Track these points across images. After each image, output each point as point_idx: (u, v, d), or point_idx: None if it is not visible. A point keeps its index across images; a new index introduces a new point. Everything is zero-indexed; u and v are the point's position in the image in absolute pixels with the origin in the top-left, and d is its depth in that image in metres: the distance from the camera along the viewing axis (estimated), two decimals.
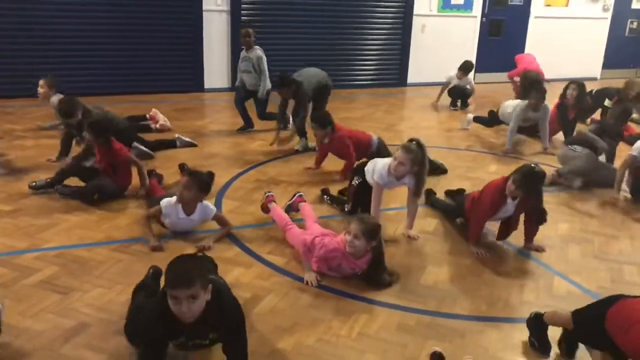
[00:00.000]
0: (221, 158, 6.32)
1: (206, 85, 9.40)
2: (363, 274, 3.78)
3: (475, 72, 11.25)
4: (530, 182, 4.04)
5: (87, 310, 3.36)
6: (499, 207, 4.17)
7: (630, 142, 6.78)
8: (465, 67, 8.82)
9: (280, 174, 5.84)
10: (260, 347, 3.01)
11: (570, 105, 7.07)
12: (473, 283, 3.87)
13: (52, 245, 4.11)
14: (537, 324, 3.17)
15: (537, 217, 4.24)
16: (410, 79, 10.76)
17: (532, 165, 4.22)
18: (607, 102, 7.82)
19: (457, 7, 10.94)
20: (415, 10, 10.49)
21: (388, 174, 4.34)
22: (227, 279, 3.72)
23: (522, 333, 3.25)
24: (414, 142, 4.29)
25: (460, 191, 5.17)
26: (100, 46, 8.64)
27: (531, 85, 7.47)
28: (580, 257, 4.31)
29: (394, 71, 10.67)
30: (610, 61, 12.59)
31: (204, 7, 9.04)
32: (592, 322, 2.74)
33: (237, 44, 9.28)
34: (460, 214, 4.66)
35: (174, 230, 4.35)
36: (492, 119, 7.53)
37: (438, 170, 5.85)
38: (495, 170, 6.14)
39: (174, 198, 4.26)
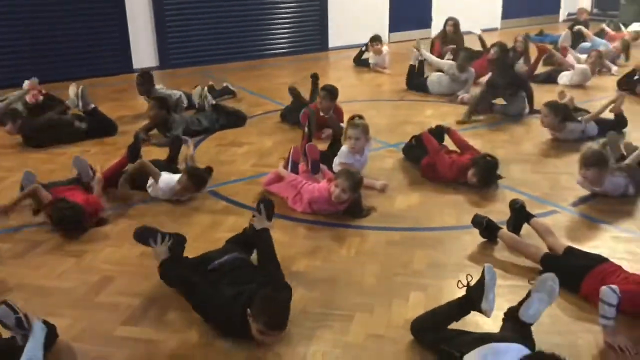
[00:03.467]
0: None
1: (135, 66, 9.42)
2: (344, 211, 4.25)
3: (389, 32, 11.92)
4: (488, 175, 4.65)
5: (106, 266, 3.63)
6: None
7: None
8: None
9: (240, 135, 6.15)
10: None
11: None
12: (440, 204, 4.44)
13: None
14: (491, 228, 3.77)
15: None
16: (332, 43, 11.22)
17: (487, 157, 4.75)
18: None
19: None
20: None
21: (350, 155, 4.72)
22: (224, 227, 4.13)
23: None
24: (356, 117, 4.80)
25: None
26: (21, 34, 8.44)
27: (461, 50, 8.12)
28: (521, 173, 4.99)
29: (315, 36, 11.07)
30: (508, 11, 13.61)
31: None
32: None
33: (161, 21, 9.42)
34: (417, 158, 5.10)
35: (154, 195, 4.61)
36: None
37: None
38: (431, 114, 6.76)
39: (174, 183, 4.48)
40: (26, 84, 6.70)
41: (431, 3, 12.38)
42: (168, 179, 4.57)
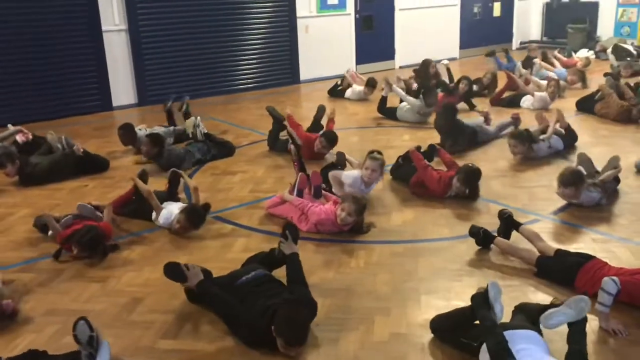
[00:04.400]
0: None
1: (114, 104, 9.62)
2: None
3: (357, 64, 12.45)
4: (472, 179, 5.09)
5: (132, 289, 3.85)
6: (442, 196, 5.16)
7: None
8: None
9: (231, 164, 6.42)
10: None
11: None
12: (432, 218, 4.82)
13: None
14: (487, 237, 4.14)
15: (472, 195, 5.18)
16: (303, 76, 11.66)
17: (470, 165, 5.25)
18: None
19: (333, 7, 12.00)
20: (298, 13, 11.39)
21: (361, 183, 5.07)
22: (235, 248, 4.39)
23: None
24: (375, 152, 5.17)
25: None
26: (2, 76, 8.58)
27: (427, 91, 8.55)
28: (501, 187, 5.42)
29: (286, 70, 11.50)
30: (465, 42, 14.38)
31: (103, 27, 9.26)
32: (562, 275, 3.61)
33: (139, 59, 9.67)
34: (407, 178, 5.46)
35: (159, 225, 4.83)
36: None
37: None
38: (408, 139, 7.18)
39: (172, 219, 4.68)
40: (10, 126, 6.84)
41: (394, 36, 13.01)
42: (167, 214, 4.77)
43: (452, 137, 6.52)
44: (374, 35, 12.72)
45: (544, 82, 9.14)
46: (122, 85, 9.68)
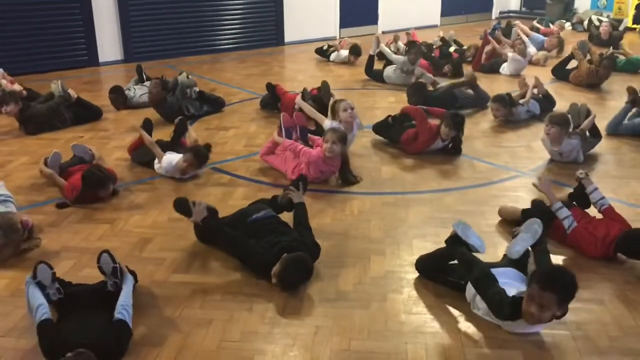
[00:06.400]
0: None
1: (101, 59, 9.63)
2: (337, 177, 4.84)
3: (340, 28, 12.58)
4: (458, 122, 5.40)
5: (140, 230, 4.07)
6: (431, 145, 5.46)
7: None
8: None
9: (224, 120, 6.61)
10: None
11: None
12: (421, 173, 5.11)
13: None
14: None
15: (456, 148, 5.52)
16: (287, 38, 11.75)
17: (454, 112, 5.56)
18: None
19: None
20: None
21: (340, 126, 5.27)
22: (236, 195, 4.63)
23: (469, 196, 4.60)
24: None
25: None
26: None
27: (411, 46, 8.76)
28: (484, 147, 5.74)
29: (271, 32, 11.58)
30: (447, 9, 14.58)
31: None
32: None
33: (125, 15, 9.67)
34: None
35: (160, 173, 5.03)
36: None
37: None
38: (394, 100, 7.44)
39: (176, 161, 4.90)
40: None
41: (377, 2, 13.13)
42: (171, 157, 5.00)
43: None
44: None
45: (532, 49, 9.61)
46: (108, 41, 9.70)
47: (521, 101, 6.66)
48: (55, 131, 6.15)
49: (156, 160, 5.04)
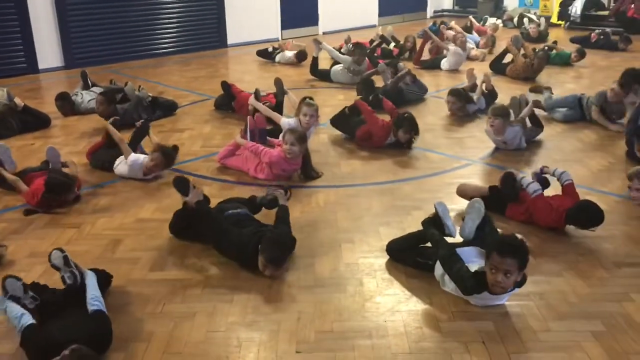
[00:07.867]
0: None
1: (40, 66, 9.37)
2: (300, 174, 4.98)
3: (282, 29, 12.71)
4: (414, 125, 5.61)
5: (109, 232, 4.07)
6: (385, 142, 5.69)
7: None
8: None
9: (177, 123, 6.60)
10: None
11: None
12: (377, 165, 5.31)
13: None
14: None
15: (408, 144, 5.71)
16: (230, 40, 11.77)
17: (404, 114, 5.71)
18: None
19: None
20: None
21: (298, 127, 5.36)
22: None
23: (425, 185, 4.83)
24: (308, 98, 5.52)
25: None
26: None
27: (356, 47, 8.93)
28: (434, 139, 6.00)
29: (213, 34, 11.57)
30: (384, 10, 14.96)
31: None
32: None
33: (64, 19, 9.45)
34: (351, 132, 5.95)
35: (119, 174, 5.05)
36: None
37: None
38: (343, 98, 7.62)
39: (142, 159, 4.93)
40: None
41: (317, 3, 13.33)
42: (137, 156, 5.01)
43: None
44: (298, 1, 12.99)
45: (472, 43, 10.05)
46: (47, 46, 9.45)
47: (475, 98, 6.95)
48: (2, 139, 5.97)
49: (117, 161, 5.02)
